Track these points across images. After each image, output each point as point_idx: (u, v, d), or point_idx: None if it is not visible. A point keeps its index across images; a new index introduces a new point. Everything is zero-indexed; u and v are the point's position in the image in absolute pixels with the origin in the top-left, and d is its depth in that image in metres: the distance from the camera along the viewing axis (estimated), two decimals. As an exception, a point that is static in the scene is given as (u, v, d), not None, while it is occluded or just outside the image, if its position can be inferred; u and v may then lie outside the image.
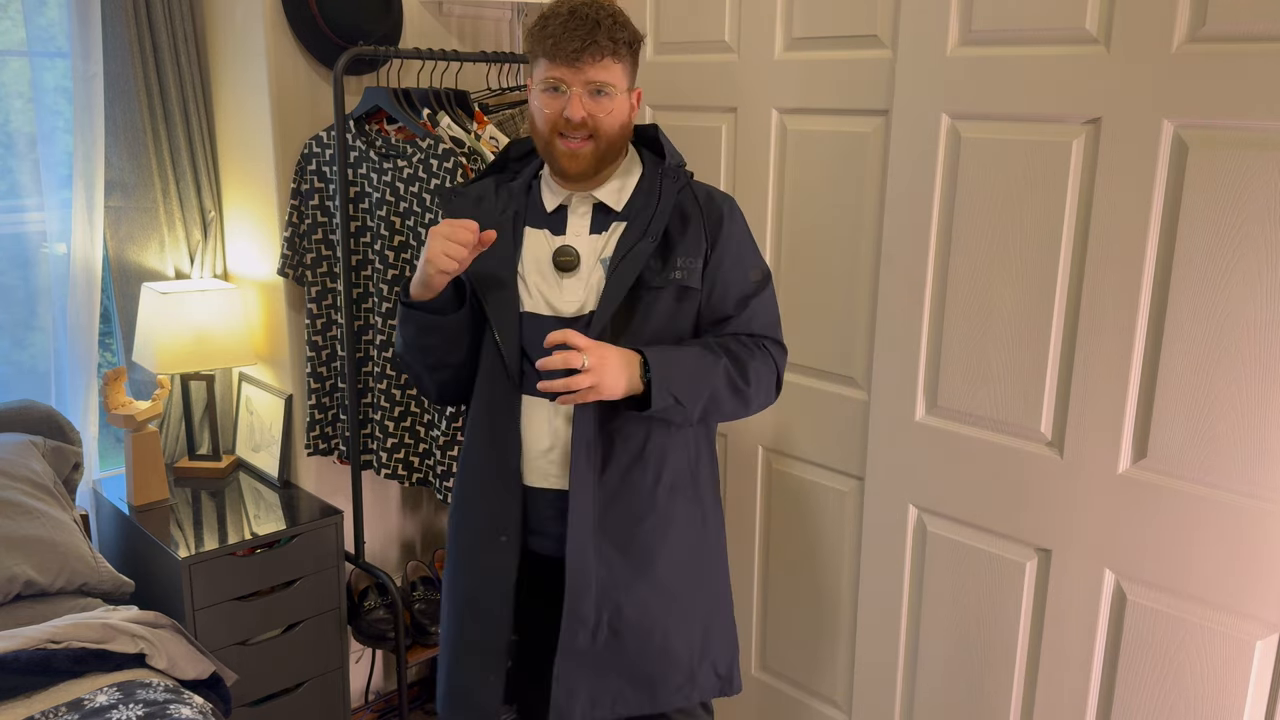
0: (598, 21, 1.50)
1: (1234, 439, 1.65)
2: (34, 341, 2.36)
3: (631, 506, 1.62)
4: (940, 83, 1.91)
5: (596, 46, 1.50)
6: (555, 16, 1.51)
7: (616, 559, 1.62)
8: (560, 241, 1.61)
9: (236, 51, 2.31)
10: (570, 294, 1.59)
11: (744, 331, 1.64)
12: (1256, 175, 1.56)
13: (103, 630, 1.75)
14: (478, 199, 1.67)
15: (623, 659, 1.65)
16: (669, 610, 1.66)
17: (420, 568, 2.62)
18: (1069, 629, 1.89)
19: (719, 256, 1.62)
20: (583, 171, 1.58)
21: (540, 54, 1.52)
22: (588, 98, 1.52)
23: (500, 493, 1.64)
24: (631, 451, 1.61)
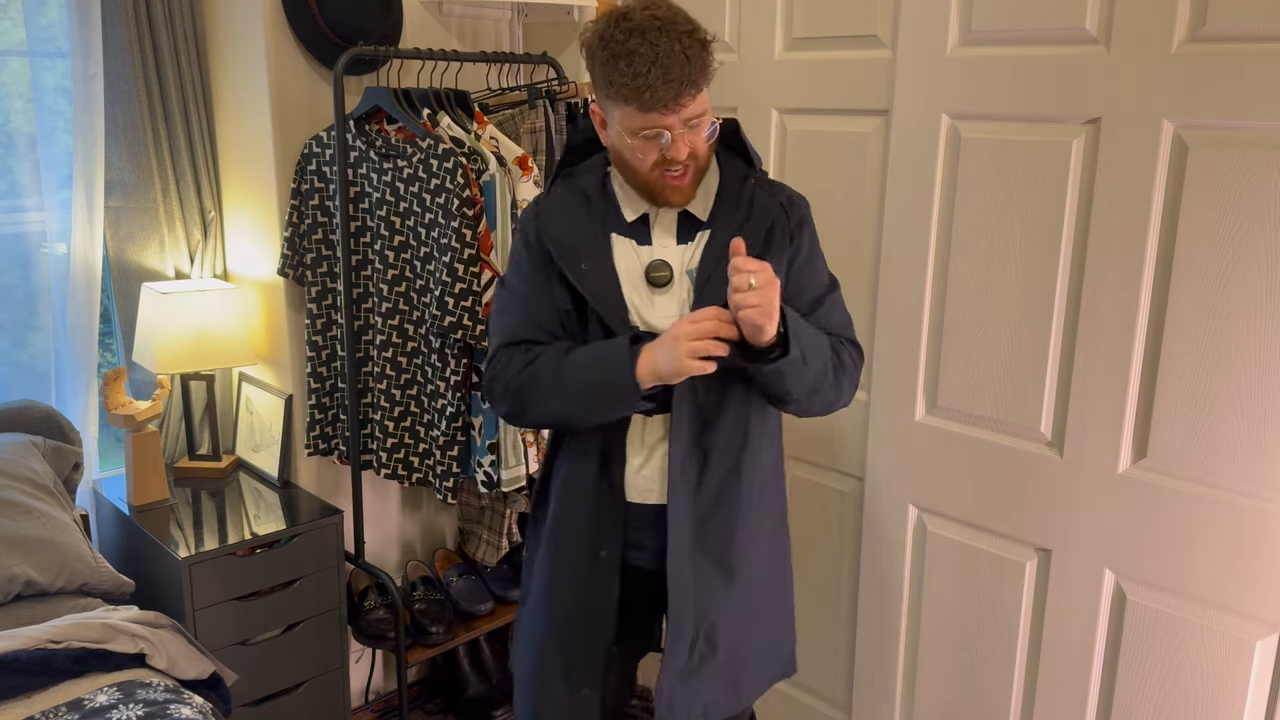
0: (686, 57, 1.36)
1: (1234, 439, 1.65)
2: (34, 341, 2.36)
3: (727, 519, 1.58)
4: (940, 83, 1.91)
5: (692, 85, 1.38)
6: (638, 59, 1.36)
7: (711, 572, 1.59)
8: (649, 254, 1.53)
9: (236, 51, 2.31)
10: (664, 311, 1.52)
11: (822, 329, 1.58)
12: (1256, 175, 1.56)
13: (103, 630, 1.75)
14: (564, 209, 1.57)
15: (715, 668, 1.62)
16: (754, 617, 1.65)
17: (420, 568, 2.62)
18: (1069, 629, 1.89)
19: (794, 256, 1.56)
20: (689, 199, 1.51)
21: (629, 102, 1.39)
22: (687, 133, 1.43)
23: (604, 507, 1.59)
24: (726, 465, 1.57)
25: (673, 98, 1.37)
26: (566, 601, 1.64)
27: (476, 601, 2.48)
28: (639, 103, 1.38)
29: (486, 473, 2.22)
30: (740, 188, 1.55)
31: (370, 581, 2.46)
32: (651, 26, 1.36)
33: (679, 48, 1.36)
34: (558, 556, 1.64)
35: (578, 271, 1.52)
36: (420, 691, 2.76)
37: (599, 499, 1.59)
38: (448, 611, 2.43)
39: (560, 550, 1.64)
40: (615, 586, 1.60)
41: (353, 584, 2.49)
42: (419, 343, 2.22)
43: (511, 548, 2.58)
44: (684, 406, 1.52)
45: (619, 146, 1.47)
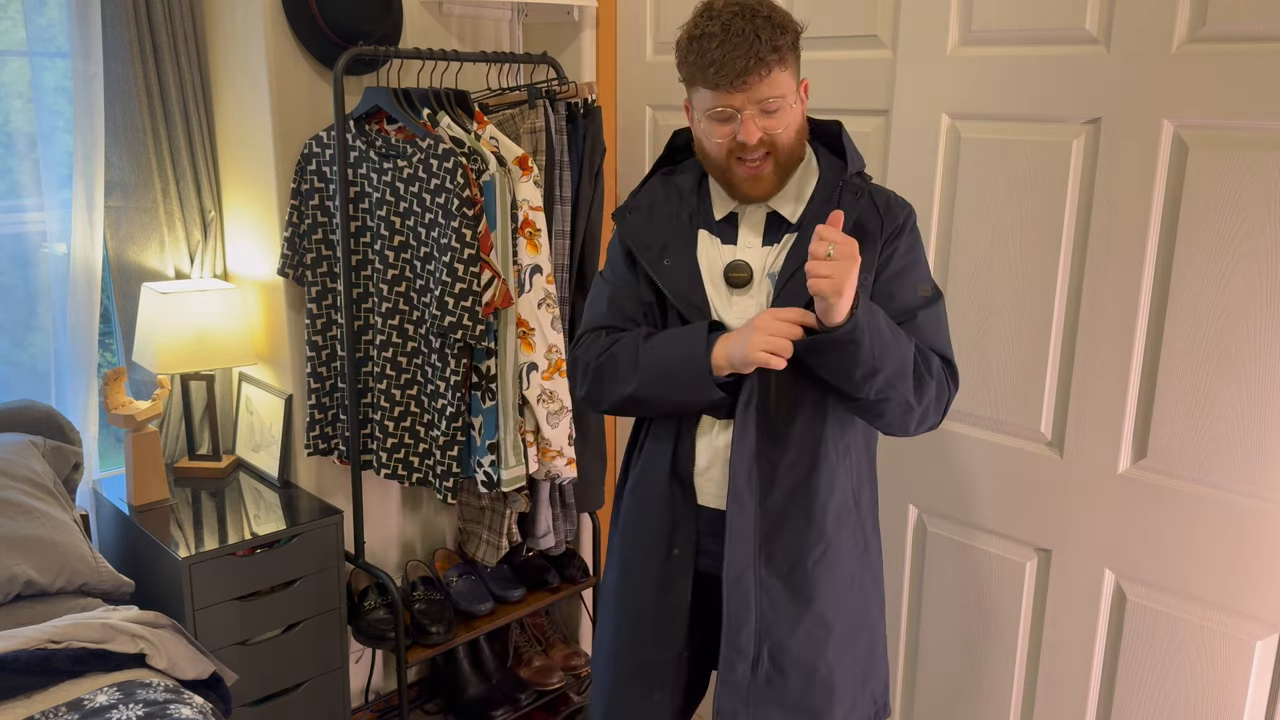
0: (756, 34, 1.35)
1: (1234, 439, 1.65)
2: (34, 341, 2.36)
3: (797, 534, 1.53)
4: (940, 83, 1.91)
5: (762, 63, 1.36)
6: (708, 37, 1.36)
7: (779, 589, 1.54)
8: (731, 253, 1.51)
9: (236, 51, 2.31)
10: (741, 312, 1.50)
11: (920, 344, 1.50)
12: (1256, 175, 1.56)
13: (103, 630, 1.75)
14: (650, 209, 1.56)
15: (785, 693, 1.56)
16: (832, 644, 1.57)
17: (420, 568, 2.62)
18: (1069, 629, 1.89)
19: (886, 263, 1.49)
20: (767, 192, 1.47)
21: (700, 83, 1.39)
22: (760, 116, 1.40)
23: (677, 506, 1.58)
24: (796, 476, 1.52)
25: (739, 74, 1.36)
26: (639, 600, 1.62)
27: (476, 601, 2.48)
28: (705, 79, 1.38)
29: (486, 473, 2.22)
30: (830, 191, 1.50)
31: (370, 581, 2.46)
32: (729, 11, 1.37)
33: (750, 27, 1.35)
34: (630, 554, 1.64)
35: (659, 267, 1.52)
36: (420, 691, 2.76)
37: (670, 498, 1.58)
38: (448, 611, 2.43)
39: (633, 547, 1.63)
40: (687, 587, 1.58)
41: (353, 584, 2.49)
42: (419, 343, 2.22)
43: (511, 548, 2.58)
44: (750, 413, 1.48)
45: (700, 136, 1.46)
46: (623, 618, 1.65)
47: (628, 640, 1.64)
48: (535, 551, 2.67)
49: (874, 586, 1.64)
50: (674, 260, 1.52)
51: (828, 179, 1.51)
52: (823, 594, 1.54)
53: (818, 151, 1.54)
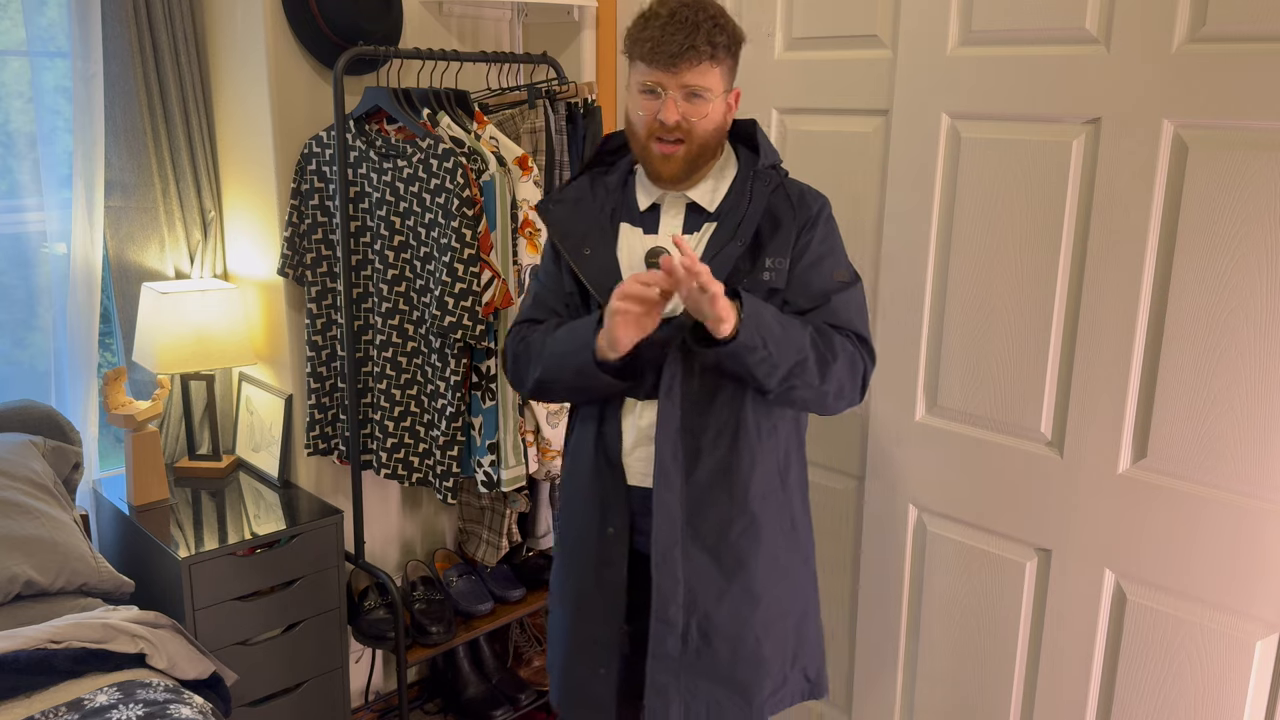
0: (697, 25, 1.46)
1: (1234, 439, 1.65)
2: (34, 341, 2.36)
3: (722, 509, 1.59)
4: (940, 83, 1.91)
5: (695, 51, 1.47)
6: (655, 18, 1.48)
7: (705, 561, 1.60)
8: (652, 241, 1.61)
9: (236, 51, 2.31)
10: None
11: (828, 321, 1.57)
12: (1256, 175, 1.56)
13: (103, 630, 1.75)
14: (575, 201, 1.65)
15: (717, 667, 1.62)
16: (759, 617, 1.63)
17: (420, 568, 2.62)
18: (1069, 629, 1.89)
19: (801, 252, 1.58)
20: (676, 174, 1.56)
21: (637, 56, 1.50)
22: (683, 101, 1.50)
23: (607, 487, 1.64)
24: (719, 453, 1.58)
25: (672, 55, 1.46)
26: (581, 579, 1.68)
27: (476, 601, 2.48)
28: (641, 53, 1.48)
29: (486, 473, 2.22)
30: (745, 182, 1.59)
31: (370, 581, 2.46)
32: (682, 3, 1.48)
33: (694, 18, 1.46)
34: (569, 535, 1.71)
35: (580, 257, 1.60)
36: (420, 691, 2.76)
37: (600, 479, 1.64)
38: (448, 611, 2.43)
39: (572, 529, 1.70)
40: (624, 565, 1.63)
41: (353, 584, 2.49)
42: (419, 343, 2.22)
43: (511, 548, 2.58)
44: (674, 393, 1.55)
45: (629, 111, 1.56)
46: (567, 597, 1.71)
47: (574, 618, 1.70)
48: (535, 551, 2.67)
49: (803, 565, 1.70)
50: (594, 250, 1.60)
51: (744, 173, 1.60)
52: (748, 567, 1.61)
53: (737, 150, 1.64)
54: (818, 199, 1.61)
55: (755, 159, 1.62)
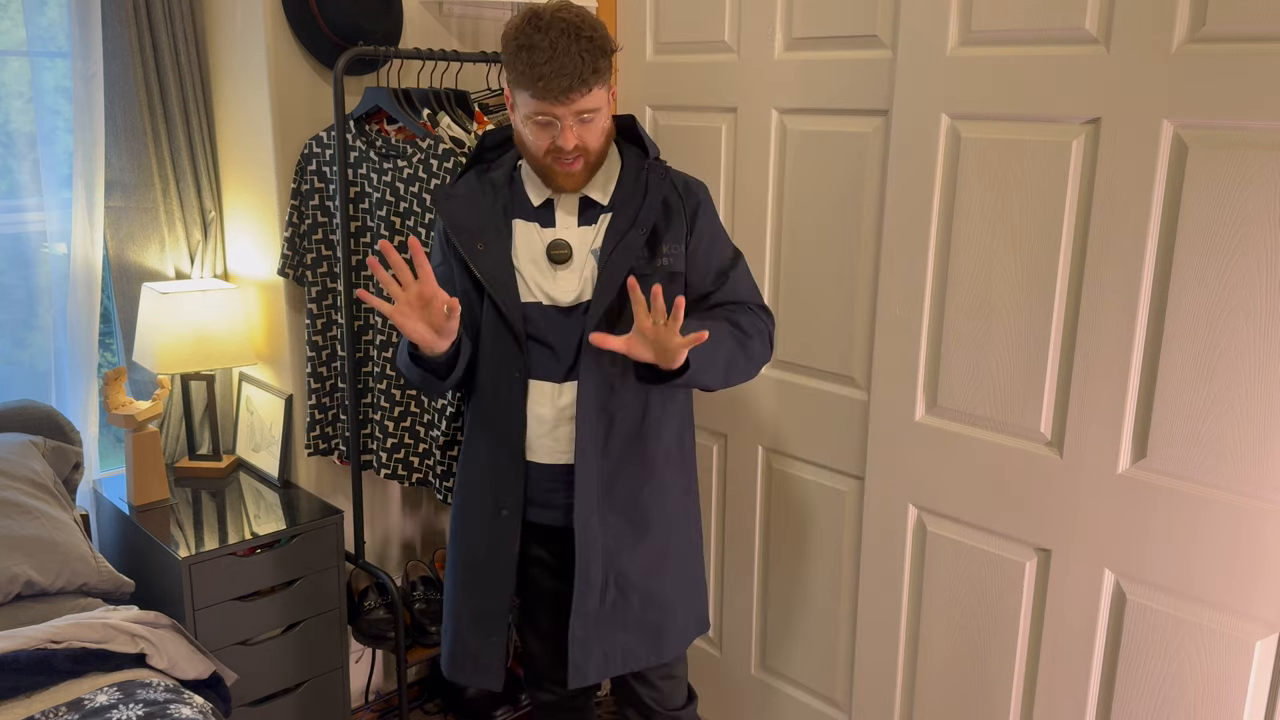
0: (580, 55, 1.51)
1: (1234, 439, 1.65)
2: (34, 341, 2.36)
3: (632, 476, 1.75)
4: (940, 83, 1.91)
5: (583, 83, 1.53)
6: (535, 50, 1.51)
7: (619, 524, 1.75)
8: (552, 234, 1.69)
9: (236, 51, 2.31)
10: (566, 285, 1.68)
11: (729, 300, 1.76)
12: (1256, 175, 1.56)
13: (103, 630, 1.75)
14: (467, 198, 1.73)
15: (629, 616, 1.78)
16: (666, 567, 1.81)
17: (420, 568, 2.62)
18: (1069, 629, 1.89)
19: (697, 239, 1.73)
20: (579, 185, 1.67)
21: (523, 88, 1.54)
22: (577, 125, 1.57)
23: (504, 469, 1.74)
24: (630, 426, 1.73)
25: (563, 90, 1.52)
26: (473, 552, 1.80)
27: (476, 601, 2.48)
28: (534, 90, 1.53)
29: (486, 473, 2.22)
30: (637, 175, 1.71)
31: (370, 581, 2.46)
32: (556, 25, 1.52)
33: (575, 48, 1.51)
34: (463, 513, 1.82)
35: (474, 252, 1.68)
36: (420, 691, 2.76)
37: (497, 462, 1.74)
38: (448, 611, 2.43)
39: (464, 508, 1.81)
40: (515, 541, 1.75)
41: (353, 584, 2.49)
42: (419, 343, 2.22)
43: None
44: (591, 374, 1.67)
45: (520, 129, 1.62)
46: (460, 574, 1.83)
47: (465, 594, 1.82)
48: (535, 551, 2.67)
49: (696, 518, 1.89)
50: (488, 246, 1.68)
51: (630, 165, 1.72)
52: (655, 524, 1.78)
53: (620, 144, 1.75)
54: (700, 185, 1.76)
55: (640, 152, 1.74)
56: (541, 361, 1.70)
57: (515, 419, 1.71)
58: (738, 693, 2.59)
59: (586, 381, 1.67)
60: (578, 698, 2.03)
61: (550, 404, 1.70)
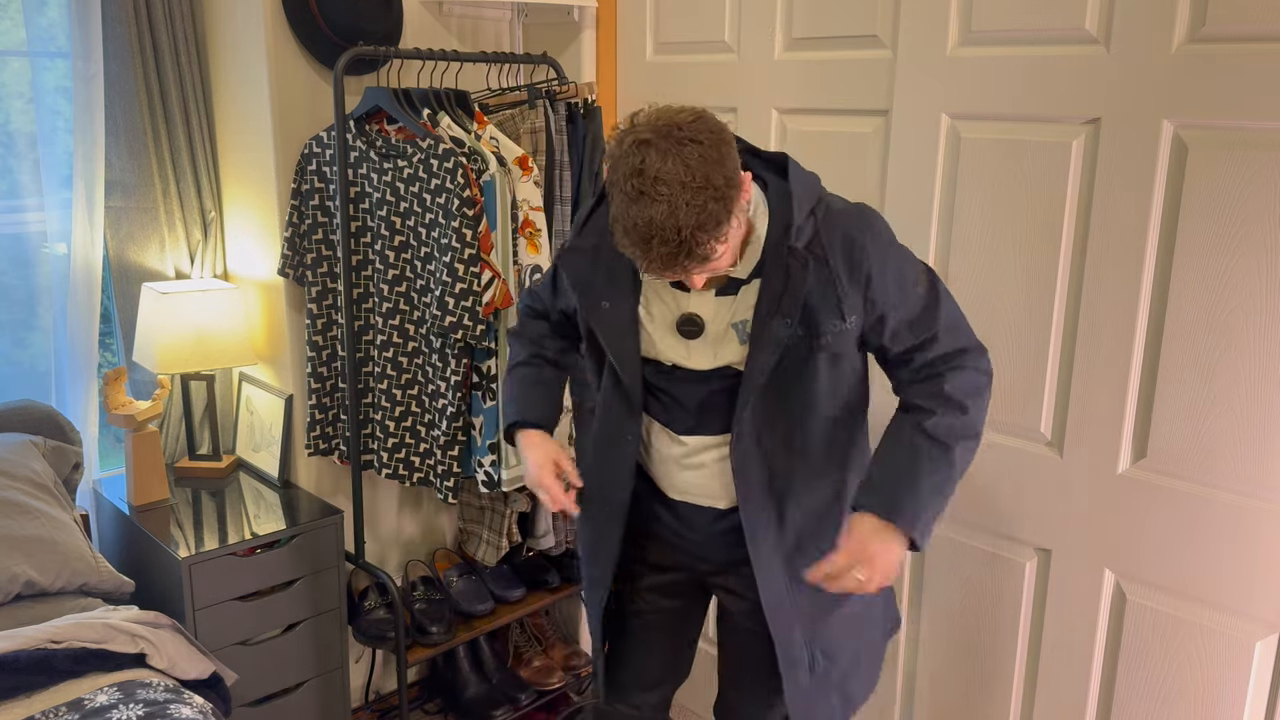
0: (689, 242, 1.27)
1: (1234, 439, 1.65)
2: (34, 341, 2.36)
3: (820, 548, 1.59)
4: (940, 83, 1.91)
5: (703, 260, 1.30)
6: (637, 231, 1.28)
7: (811, 598, 1.60)
8: (686, 303, 1.50)
9: (236, 51, 2.31)
10: (699, 356, 1.51)
11: (935, 355, 1.49)
12: (1256, 175, 1.56)
13: (103, 630, 1.75)
14: (594, 249, 1.55)
15: (830, 677, 1.66)
16: (860, 627, 1.67)
17: (420, 568, 2.62)
18: (1069, 629, 1.89)
19: (876, 296, 1.45)
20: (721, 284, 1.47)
21: (630, 255, 1.33)
22: (706, 272, 1.37)
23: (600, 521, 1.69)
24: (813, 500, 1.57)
25: (673, 272, 1.32)
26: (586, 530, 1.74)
27: (476, 601, 2.48)
28: (645, 268, 1.34)
29: (487, 473, 2.22)
30: (778, 250, 1.44)
31: (370, 581, 2.46)
32: (659, 195, 1.25)
33: (683, 233, 1.26)
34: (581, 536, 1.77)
35: (598, 311, 1.54)
36: (420, 691, 2.75)
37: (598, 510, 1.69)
38: (448, 611, 2.43)
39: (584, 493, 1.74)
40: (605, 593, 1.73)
41: (353, 584, 2.49)
42: (419, 343, 2.22)
43: (511, 548, 2.58)
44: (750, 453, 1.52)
45: None
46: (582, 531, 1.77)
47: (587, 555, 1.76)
48: (535, 551, 2.67)
49: None
50: (613, 305, 1.53)
51: (774, 224, 1.44)
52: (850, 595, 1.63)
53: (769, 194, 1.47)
54: (857, 228, 1.43)
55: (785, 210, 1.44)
56: (666, 410, 1.57)
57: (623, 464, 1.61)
58: (738, 693, 2.59)
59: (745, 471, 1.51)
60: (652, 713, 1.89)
61: (673, 449, 1.59)
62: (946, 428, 1.45)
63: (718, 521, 1.62)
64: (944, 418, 1.46)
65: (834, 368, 1.50)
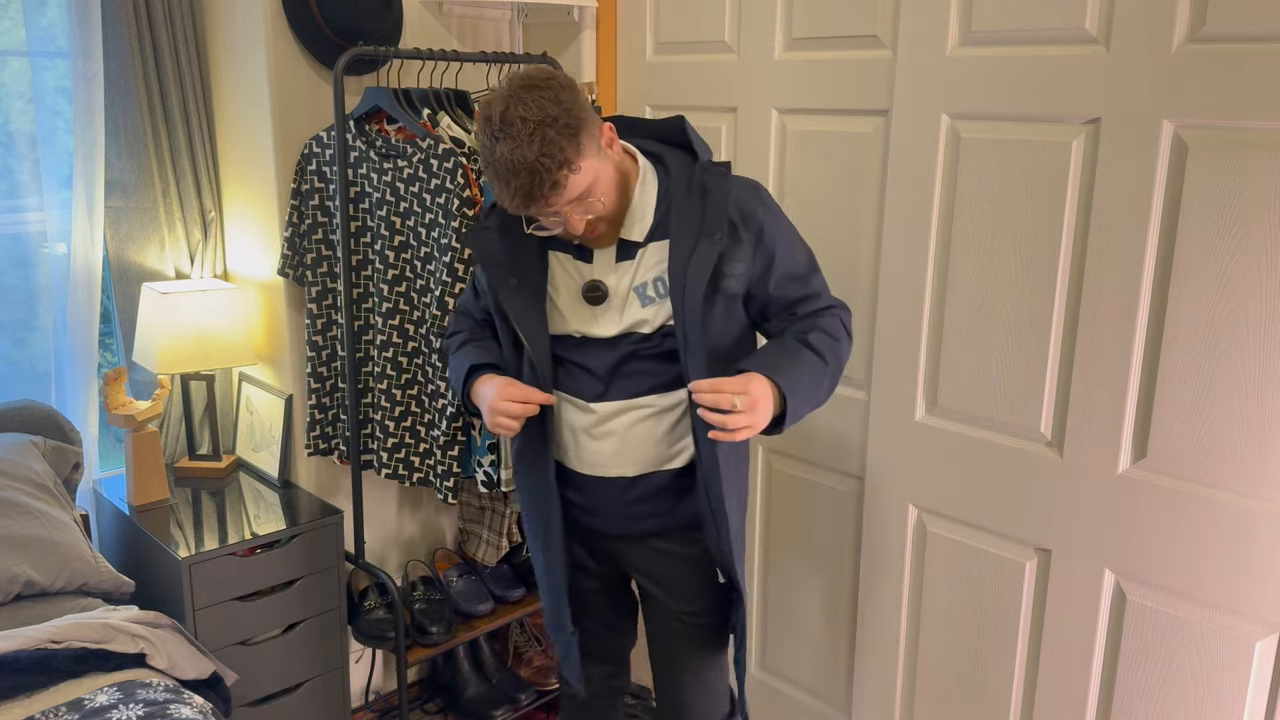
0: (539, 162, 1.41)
1: (1234, 439, 1.65)
2: (34, 341, 2.36)
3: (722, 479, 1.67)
4: (940, 83, 1.91)
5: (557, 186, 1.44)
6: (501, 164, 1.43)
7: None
8: (589, 271, 1.62)
9: (236, 51, 2.31)
10: (606, 323, 1.62)
11: (817, 309, 1.66)
12: (1256, 175, 1.56)
13: (103, 630, 1.75)
14: (500, 229, 1.66)
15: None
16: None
17: (420, 568, 2.62)
18: (1069, 629, 1.89)
19: (769, 253, 1.61)
20: (612, 241, 1.60)
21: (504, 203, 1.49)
22: (577, 208, 1.49)
23: (540, 495, 1.73)
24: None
25: (536, 204, 1.45)
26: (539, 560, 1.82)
27: (476, 601, 2.48)
28: (512, 207, 1.47)
29: (486, 473, 2.22)
30: (689, 185, 1.59)
31: (370, 581, 2.46)
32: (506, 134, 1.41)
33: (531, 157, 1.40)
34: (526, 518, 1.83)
35: (506, 288, 1.63)
36: (420, 691, 2.76)
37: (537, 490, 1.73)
38: (448, 611, 2.43)
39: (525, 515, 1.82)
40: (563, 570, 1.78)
41: (353, 584, 2.49)
42: (419, 343, 2.22)
43: (511, 547, 2.58)
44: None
45: None
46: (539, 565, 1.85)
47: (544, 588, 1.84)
48: (535, 551, 2.67)
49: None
50: (520, 281, 1.63)
51: (679, 177, 1.59)
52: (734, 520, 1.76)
53: (653, 158, 1.63)
54: (754, 195, 1.62)
55: (690, 159, 1.62)
56: (575, 379, 1.66)
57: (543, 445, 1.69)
58: (738, 693, 2.59)
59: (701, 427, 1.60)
60: (610, 696, 2.00)
61: (582, 419, 1.67)
62: (823, 343, 1.61)
63: (627, 491, 1.70)
64: (822, 337, 1.61)
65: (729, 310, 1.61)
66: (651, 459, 1.67)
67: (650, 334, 1.60)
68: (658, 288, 1.59)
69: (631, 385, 1.63)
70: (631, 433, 1.65)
